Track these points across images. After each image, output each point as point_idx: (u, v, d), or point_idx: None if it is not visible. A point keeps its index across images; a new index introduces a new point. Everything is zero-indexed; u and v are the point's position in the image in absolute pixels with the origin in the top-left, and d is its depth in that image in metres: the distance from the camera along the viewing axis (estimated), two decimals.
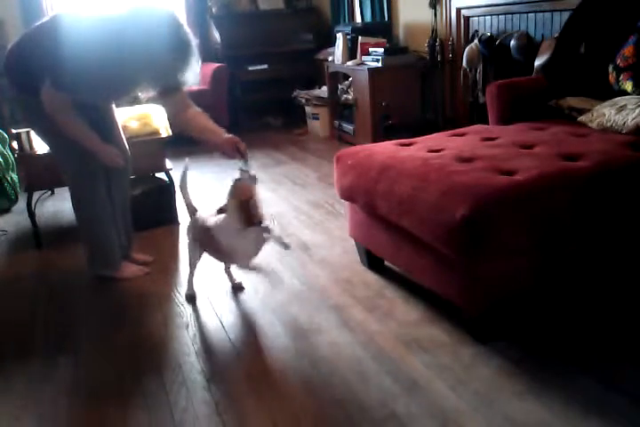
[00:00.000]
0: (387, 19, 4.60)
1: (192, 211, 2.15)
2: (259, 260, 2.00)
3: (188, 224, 2.19)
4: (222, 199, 1.94)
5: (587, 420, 1.40)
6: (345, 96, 4.63)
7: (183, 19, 2.08)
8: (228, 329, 1.97)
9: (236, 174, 1.89)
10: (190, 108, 2.16)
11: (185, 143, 4.66)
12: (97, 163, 2.22)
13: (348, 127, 4.58)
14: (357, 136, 4.40)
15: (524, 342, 1.75)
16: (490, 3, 3.42)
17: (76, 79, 1.96)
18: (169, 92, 2.09)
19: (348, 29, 4.57)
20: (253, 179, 1.87)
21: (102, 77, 1.97)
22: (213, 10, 5.49)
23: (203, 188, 3.65)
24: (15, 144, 2.86)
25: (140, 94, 2.14)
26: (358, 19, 5.06)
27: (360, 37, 4.37)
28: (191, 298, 2.19)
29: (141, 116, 3.00)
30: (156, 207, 2.98)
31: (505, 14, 3.35)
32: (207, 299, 2.20)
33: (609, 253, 1.90)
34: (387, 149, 2.11)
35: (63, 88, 2.00)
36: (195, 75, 1.98)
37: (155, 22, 1.88)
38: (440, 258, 1.76)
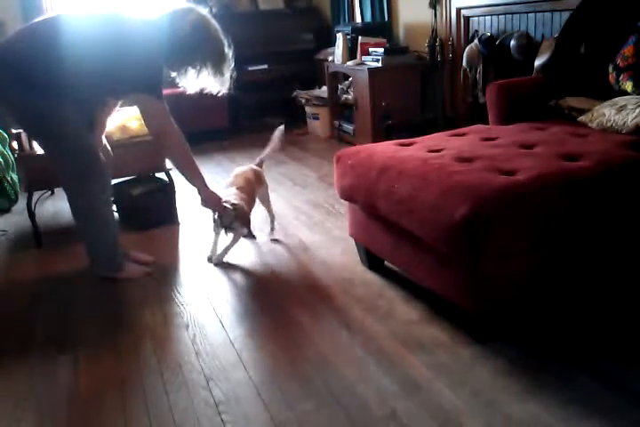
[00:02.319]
0: (387, 19, 4.60)
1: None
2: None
3: None
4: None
5: (587, 420, 1.40)
6: (345, 96, 4.63)
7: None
8: (228, 329, 1.97)
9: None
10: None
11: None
12: (101, 164, 2.24)
13: (348, 127, 4.58)
14: (357, 136, 4.40)
15: (524, 342, 1.75)
16: (490, 3, 3.42)
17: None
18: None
19: (348, 29, 4.57)
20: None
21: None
22: (213, 10, 5.47)
23: None
24: (15, 144, 2.86)
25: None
26: (358, 19, 5.06)
27: (360, 37, 4.37)
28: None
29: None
30: (156, 207, 2.98)
31: (505, 14, 3.35)
32: (207, 299, 2.20)
33: (609, 253, 1.90)
34: (387, 149, 2.11)
35: (161, 93, 2.12)
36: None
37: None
38: (440, 258, 1.76)
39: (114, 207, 2.46)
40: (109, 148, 2.50)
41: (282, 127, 2.84)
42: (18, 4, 4.92)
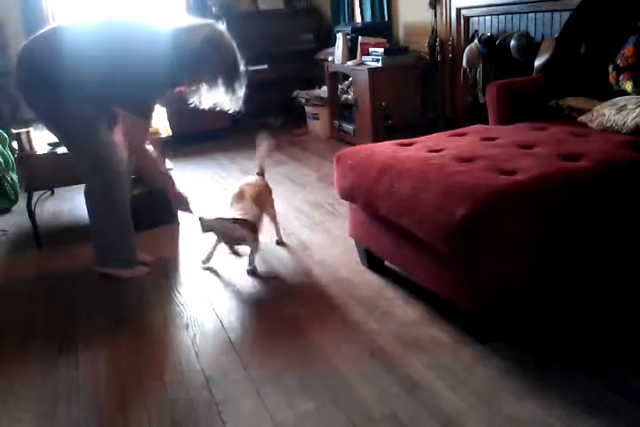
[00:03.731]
0: (387, 19, 4.60)
1: None
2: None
3: None
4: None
5: (587, 420, 1.40)
6: (345, 96, 4.63)
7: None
8: (228, 329, 1.97)
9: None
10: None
11: (185, 143, 4.70)
12: (118, 162, 2.27)
13: (348, 127, 4.58)
14: (357, 136, 4.40)
15: (524, 342, 1.75)
16: (490, 3, 3.42)
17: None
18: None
19: (348, 29, 4.57)
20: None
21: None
22: (213, 10, 5.49)
23: (202, 185, 3.66)
24: (15, 144, 2.86)
25: None
26: (358, 19, 5.06)
27: (360, 37, 4.37)
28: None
29: None
30: (156, 207, 2.98)
31: (505, 14, 3.35)
32: (207, 299, 2.20)
33: (609, 253, 1.90)
34: (387, 149, 2.11)
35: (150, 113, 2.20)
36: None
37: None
38: (440, 258, 1.76)
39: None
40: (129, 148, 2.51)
41: (265, 137, 2.74)
42: (18, 4, 4.93)
